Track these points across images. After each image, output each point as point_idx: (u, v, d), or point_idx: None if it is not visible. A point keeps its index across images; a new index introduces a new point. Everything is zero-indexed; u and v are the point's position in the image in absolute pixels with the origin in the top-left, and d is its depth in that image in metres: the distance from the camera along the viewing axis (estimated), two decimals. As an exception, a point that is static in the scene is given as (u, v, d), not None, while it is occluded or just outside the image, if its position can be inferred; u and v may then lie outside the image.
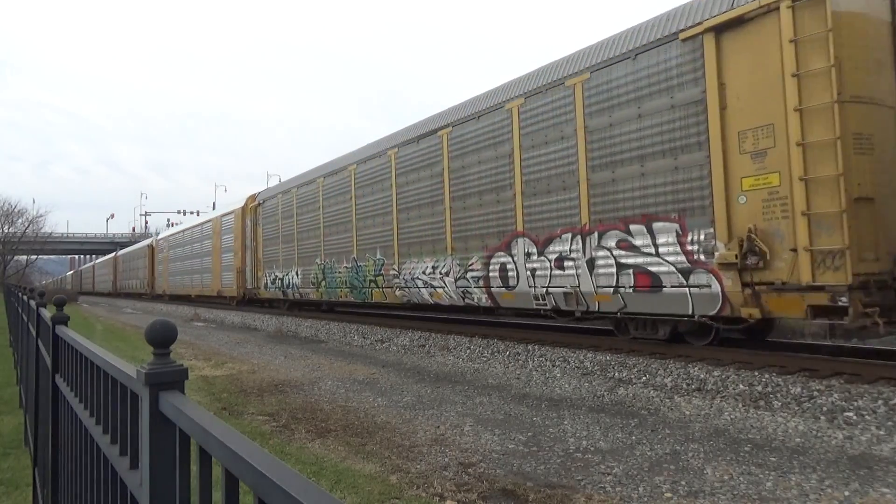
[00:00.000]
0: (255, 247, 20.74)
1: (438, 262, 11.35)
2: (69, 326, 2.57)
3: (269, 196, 20.17)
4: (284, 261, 18.54)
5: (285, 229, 18.63)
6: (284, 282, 18.49)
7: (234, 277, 22.79)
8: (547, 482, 4.09)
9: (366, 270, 13.90)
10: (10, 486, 4.19)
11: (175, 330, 1.28)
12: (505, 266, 9.83)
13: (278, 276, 18.98)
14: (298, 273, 17.51)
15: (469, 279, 10.55)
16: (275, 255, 19.34)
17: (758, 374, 6.54)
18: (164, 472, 1.20)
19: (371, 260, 13.71)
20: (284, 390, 7.56)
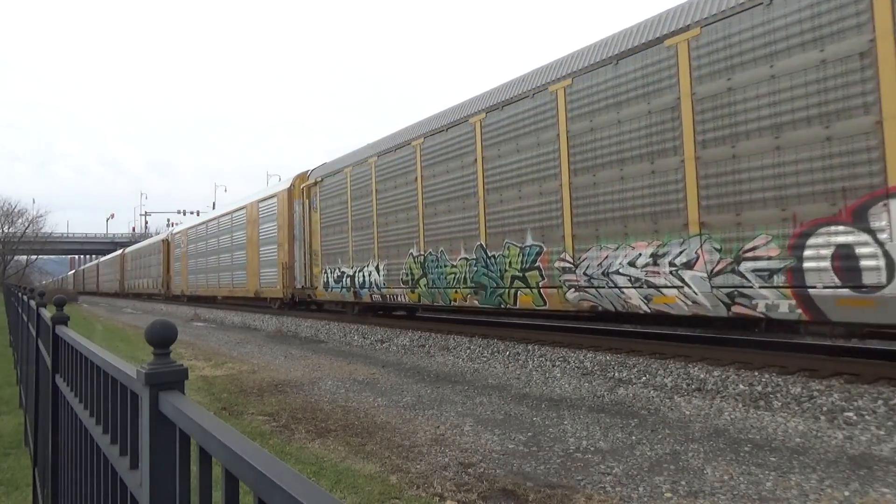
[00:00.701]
0: (310, 237, 16.83)
1: (667, 248, 7.36)
2: (69, 326, 2.57)
3: (332, 171, 15.88)
4: (357, 253, 14.46)
5: (358, 212, 14.48)
6: (357, 280, 14.40)
7: (278, 275, 18.98)
8: (547, 482, 4.09)
9: (504, 263, 9.86)
10: (10, 486, 4.19)
11: (175, 330, 1.28)
12: (851, 248, 5.75)
13: (346, 272, 14.93)
14: (381, 268, 13.43)
15: (747, 273, 6.56)
16: (340, 246, 15.35)
17: (758, 374, 6.54)
18: (164, 472, 1.20)
19: (515, 248, 9.68)
20: (284, 390, 7.56)
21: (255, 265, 21.19)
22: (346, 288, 14.92)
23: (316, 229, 16.61)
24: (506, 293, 9.79)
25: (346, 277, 15.02)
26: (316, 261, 16.53)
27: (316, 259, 16.54)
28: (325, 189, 16.23)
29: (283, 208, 18.72)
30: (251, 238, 21.51)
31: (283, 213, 18.62)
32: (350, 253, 14.82)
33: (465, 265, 10.77)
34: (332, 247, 15.84)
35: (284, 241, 18.47)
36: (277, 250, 19.08)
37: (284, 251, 18.47)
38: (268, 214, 20.17)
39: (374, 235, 13.78)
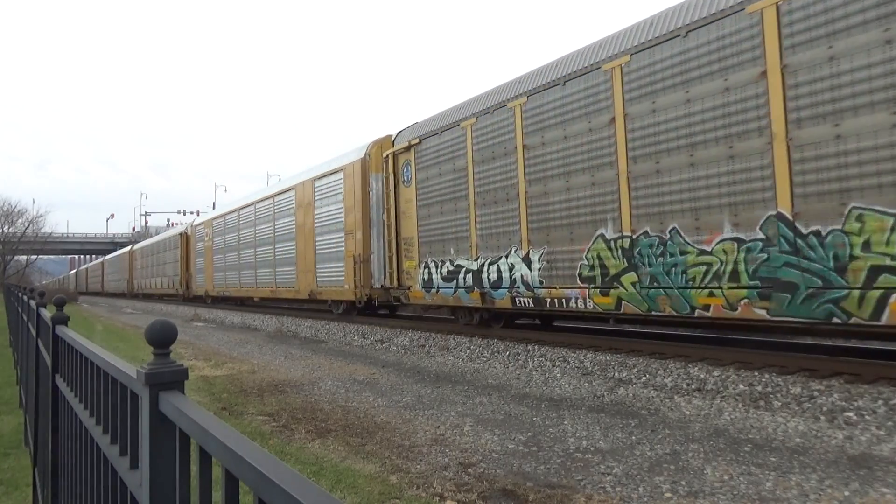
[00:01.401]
0: (397, 219, 12.96)
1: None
2: (69, 327, 2.57)
3: (436, 129, 11.68)
4: (487, 237, 10.39)
5: (488, 179, 10.33)
6: (487, 276, 10.34)
7: (347, 271, 14.88)
8: (547, 482, 4.09)
9: (846, 245, 5.84)
10: (10, 486, 4.19)
11: (175, 330, 1.28)
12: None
13: (464, 265, 10.92)
14: (535, 258, 9.40)
15: None
16: (454, 229, 11.21)
17: (758, 374, 6.54)
18: (164, 472, 1.20)
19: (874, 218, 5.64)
20: (284, 390, 7.56)
21: (308, 259, 16.99)
22: (465, 288, 10.81)
23: (409, 209, 12.62)
24: (853, 299, 5.75)
25: (464, 273, 10.92)
26: (409, 252, 12.52)
27: (409, 249, 12.53)
28: (424, 154, 12.06)
29: (352, 185, 14.68)
30: (303, 226, 17.41)
31: (354, 192, 14.55)
32: (473, 239, 10.70)
33: (735, 251, 6.74)
34: (436, 231, 11.71)
35: (356, 227, 14.41)
36: (345, 240, 15.00)
37: (356, 241, 14.40)
38: (329, 194, 16.00)
39: (520, 211, 9.63)
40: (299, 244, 17.77)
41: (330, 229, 15.93)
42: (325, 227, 16.25)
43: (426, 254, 12.09)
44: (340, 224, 15.38)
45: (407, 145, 12.71)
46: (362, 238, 14.34)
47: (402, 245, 12.92)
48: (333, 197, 15.85)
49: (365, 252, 14.29)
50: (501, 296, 10.11)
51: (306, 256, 17.24)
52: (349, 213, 14.96)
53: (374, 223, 14.08)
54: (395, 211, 13.12)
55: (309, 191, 17.26)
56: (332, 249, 15.81)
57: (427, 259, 12.06)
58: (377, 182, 14.08)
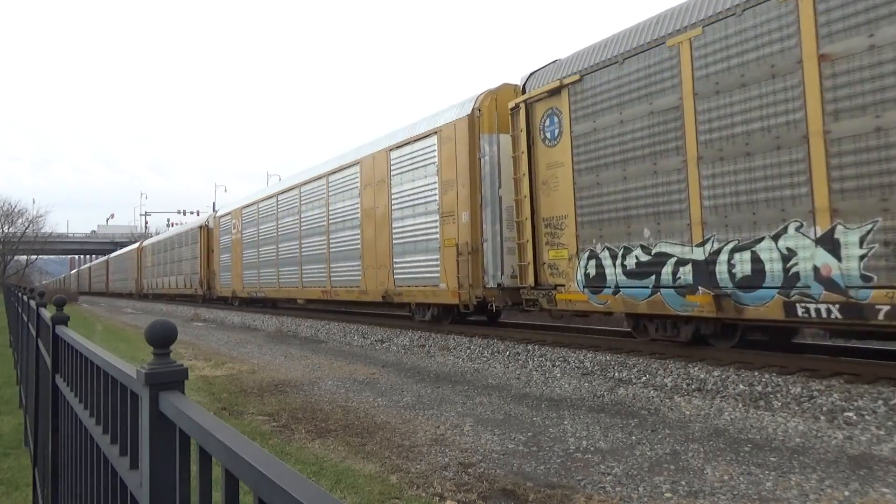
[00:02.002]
0: (532, 194, 9.65)
1: None
2: (69, 327, 2.57)
3: (614, 57, 8.36)
4: (724, 208, 7.00)
5: (723, 120, 7.00)
6: (725, 269, 6.95)
7: (444, 266, 11.34)
8: (547, 482, 4.09)
9: None
10: (10, 486, 4.19)
11: (175, 330, 1.28)
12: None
13: (674, 252, 7.56)
14: (851, 237, 5.86)
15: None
16: (655, 198, 7.79)
17: (758, 374, 6.54)
18: (164, 472, 1.20)
19: None
20: (284, 390, 7.56)
21: (381, 252, 13.38)
22: (678, 287, 7.40)
23: (555, 177, 9.13)
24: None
25: (673, 265, 7.51)
26: (555, 237, 9.20)
27: (555, 234, 9.20)
28: (588, 96, 8.66)
29: (452, 152, 11.15)
30: (372, 209, 13.82)
31: (455, 161, 11.02)
32: (694, 212, 7.26)
33: None
34: (612, 204, 8.34)
35: (459, 207, 10.98)
36: (440, 225, 11.40)
37: (459, 225, 10.96)
38: (413, 166, 12.37)
39: (809, 164, 6.17)
40: (367, 233, 14.01)
41: (416, 212, 12.25)
42: (407, 210, 12.54)
43: (592, 239, 8.60)
44: (433, 204, 11.65)
45: (556, 86, 9.05)
46: (470, 222, 10.74)
47: (541, 228, 9.44)
48: (421, 169, 12.12)
49: (473, 240, 10.67)
50: (763, 299, 6.49)
51: (377, 248, 13.49)
52: (447, 189, 11.27)
53: (487, 202, 10.59)
54: (531, 181, 9.53)
55: (382, 164, 13.45)
56: (420, 237, 12.07)
57: (594, 246, 8.56)
58: (491, 145, 10.65)
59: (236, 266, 23.09)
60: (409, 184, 12.59)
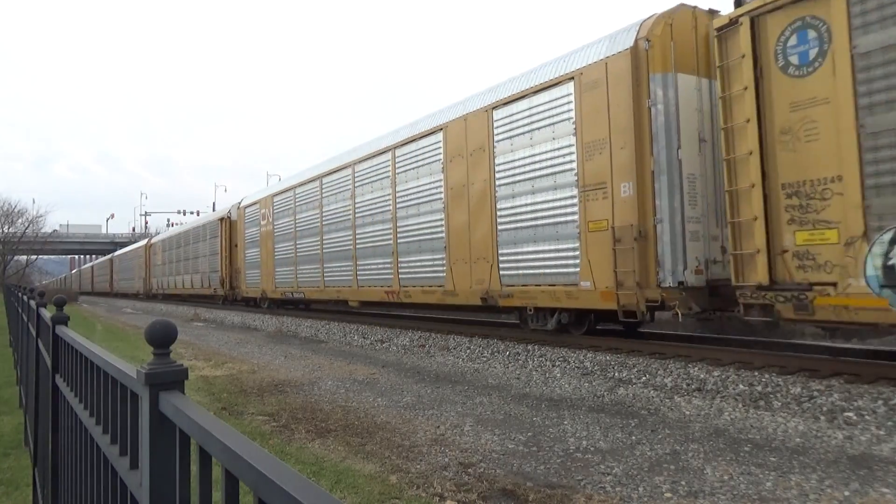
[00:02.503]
0: (762, 147, 6.80)
1: None
2: (69, 326, 2.57)
3: None
4: None
5: None
6: None
7: (598, 255, 8.48)
8: (547, 482, 4.09)
9: None
10: (10, 486, 4.19)
11: (175, 330, 1.28)
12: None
13: None
14: None
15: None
16: None
17: (758, 374, 6.54)
18: (164, 472, 1.20)
19: None
20: (284, 390, 7.56)
21: (477, 241, 10.61)
22: None
23: (811, 121, 6.41)
24: None
25: None
26: (810, 211, 6.42)
27: (810, 207, 6.43)
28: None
29: (603, 101, 8.38)
30: (463, 187, 10.95)
31: (612, 112, 8.26)
32: None
33: None
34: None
35: (615, 176, 8.23)
36: (580, 203, 8.68)
37: (615, 202, 8.23)
38: (531, 126, 9.55)
39: None
40: (455, 217, 11.09)
41: (537, 187, 9.38)
42: (522, 185, 9.66)
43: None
44: (567, 175, 8.83)
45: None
46: (635, 196, 7.90)
47: (778, 199, 6.65)
48: (545, 129, 9.25)
49: (641, 221, 7.83)
50: None
51: (472, 236, 10.64)
52: (592, 152, 8.48)
53: (661, 168, 7.75)
54: (760, 131, 6.78)
55: (479, 128, 10.59)
56: (544, 220, 9.25)
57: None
58: (667, 90, 7.82)
59: (266, 263, 19.81)
60: (526, 150, 9.63)
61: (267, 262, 19.83)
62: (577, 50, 9.18)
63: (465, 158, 11.00)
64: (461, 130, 11.14)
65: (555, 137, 9.19)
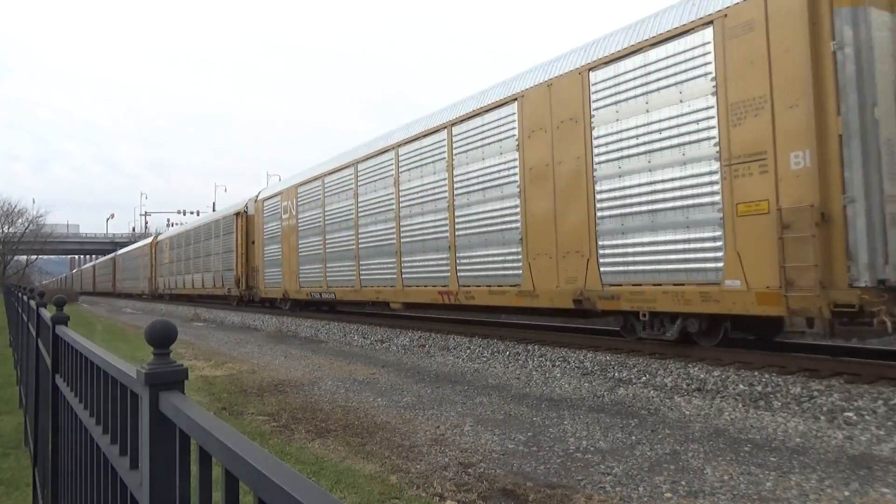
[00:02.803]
0: None
1: None
2: (69, 326, 2.57)
3: None
4: None
5: None
6: None
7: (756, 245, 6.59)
8: (547, 482, 4.09)
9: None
10: (10, 486, 4.19)
11: (175, 330, 1.28)
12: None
13: None
14: None
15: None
16: None
17: (758, 374, 6.54)
18: (164, 472, 1.20)
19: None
20: (284, 390, 7.56)
21: (567, 231, 8.92)
22: None
23: None
24: None
25: None
26: None
27: None
28: None
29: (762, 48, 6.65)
30: (545, 167, 9.28)
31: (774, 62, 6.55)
32: None
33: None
34: None
35: (781, 142, 6.53)
36: (724, 180, 7.02)
37: (783, 176, 6.45)
38: (647, 87, 7.88)
39: None
40: (535, 204, 9.33)
41: (655, 163, 7.71)
42: (630, 160, 8.00)
43: None
44: (704, 145, 7.18)
45: None
46: (814, 167, 6.16)
47: None
48: (671, 88, 7.55)
49: (824, 201, 6.12)
50: None
51: (560, 226, 8.90)
52: (743, 114, 6.82)
53: (852, 132, 6.04)
54: None
55: (569, 95, 8.82)
56: (665, 204, 7.59)
57: None
58: (857, 29, 6.07)
59: (289, 260, 17.97)
60: (639, 118, 7.88)
61: (290, 259, 17.96)
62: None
63: (550, 132, 9.07)
64: (543, 99, 9.20)
65: (683, 100, 7.42)
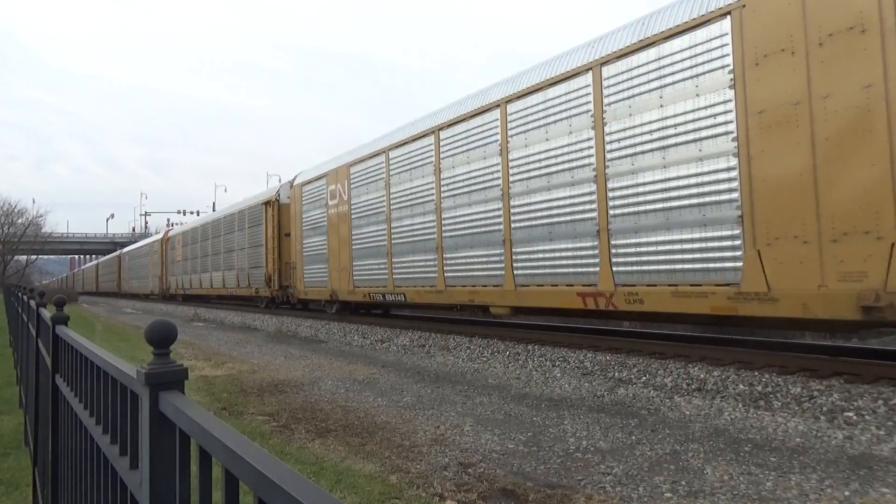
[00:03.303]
0: None
1: None
2: (69, 326, 2.57)
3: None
4: None
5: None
6: None
7: None
8: (547, 482, 4.09)
9: None
10: (10, 486, 4.19)
11: (175, 330, 1.28)
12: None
13: None
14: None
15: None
16: None
17: (758, 374, 6.54)
18: (164, 472, 1.20)
19: None
20: (284, 390, 7.56)
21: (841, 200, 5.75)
22: None
23: None
24: None
25: None
26: None
27: None
28: None
29: None
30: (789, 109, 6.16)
31: None
32: None
33: None
34: None
35: None
36: None
37: None
38: None
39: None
40: (770, 164, 6.33)
41: None
42: None
43: None
44: None
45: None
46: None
47: None
48: None
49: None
50: None
51: (825, 194, 5.91)
52: None
53: None
54: None
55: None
56: None
57: None
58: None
59: (339, 254, 15.15)
60: None
61: (340, 253, 15.13)
62: None
63: (802, 54, 6.14)
64: (786, 4, 6.24)
65: None
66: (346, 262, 14.88)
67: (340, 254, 15.19)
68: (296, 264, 17.74)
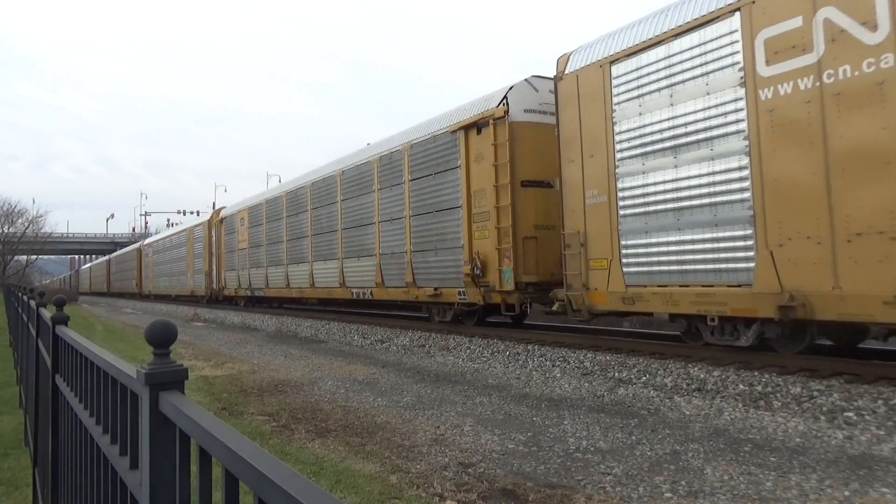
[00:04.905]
0: None
1: None
2: (69, 327, 2.57)
3: None
4: None
5: None
6: None
7: None
8: (547, 482, 4.09)
9: None
10: (10, 486, 4.19)
11: (175, 330, 1.28)
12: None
13: None
14: None
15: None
16: None
17: (758, 374, 6.54)
18: (164, 472, 1.20)
19: None
20: (284, 390, 7.56)
21: None
22: None
23: None
24: None
25: None
26: None
27: None
28: None
29: None
30: None
31: None
32: None
33: None
34: None
35: None
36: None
37: None
38: None
39: None
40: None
41: None
42: None
43: None
44: None
45: None
46: None
47: None
48: None
49: None
50: None
51: None
52: None
53: None
54: None
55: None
56: None
57: None
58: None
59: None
60: None
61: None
62: None
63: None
64: None
65: None
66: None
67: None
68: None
